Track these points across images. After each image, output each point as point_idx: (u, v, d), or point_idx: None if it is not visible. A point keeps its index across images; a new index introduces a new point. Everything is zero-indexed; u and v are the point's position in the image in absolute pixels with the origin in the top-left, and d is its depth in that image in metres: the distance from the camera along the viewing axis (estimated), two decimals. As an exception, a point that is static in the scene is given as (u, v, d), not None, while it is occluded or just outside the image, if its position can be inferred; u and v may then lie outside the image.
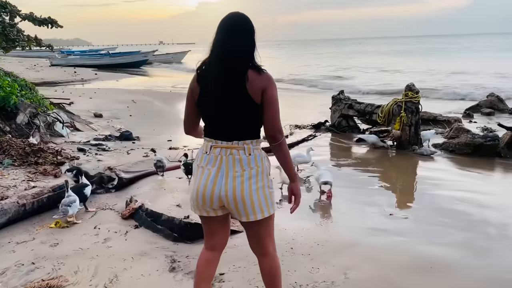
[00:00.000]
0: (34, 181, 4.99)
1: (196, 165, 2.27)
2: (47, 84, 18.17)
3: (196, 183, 2.23)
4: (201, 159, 2.23)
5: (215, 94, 2.16)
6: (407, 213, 4.60)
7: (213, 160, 2.18)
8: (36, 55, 42.83)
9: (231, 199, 2.16)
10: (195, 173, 2.26)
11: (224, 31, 2.17)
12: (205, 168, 2.20)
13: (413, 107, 7.02)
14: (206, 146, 2.23)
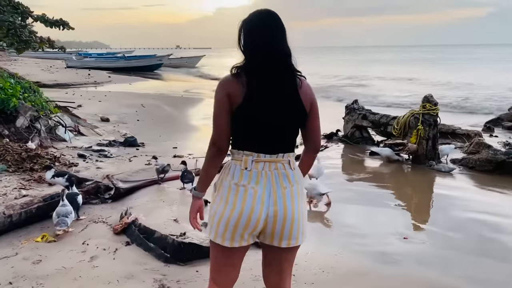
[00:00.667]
0: (26, 189, 4.76)
1: (233, 183, 1.89)
2: (60, 86, 18.18)
3: (237, 207, 1.86)
4: (240, 177, 1.89)
5: (264, 101, 1.88)
6: (424, 236, 4.23)
7: (257, 177, 1.88)
8: (54, 56, 43.31)
9: (281, 219, 1.88)
10: (231, 194, 1.89)
11: (268, 29, 1.91)
12: (247, 187, 1.87)
13: (431, 119, 6.63)
14: (245, 161, 1.90)
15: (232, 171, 1.92)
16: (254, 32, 1.92)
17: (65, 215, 3.88)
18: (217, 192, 1.94)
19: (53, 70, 27.42)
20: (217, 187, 1.96)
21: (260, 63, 1.88)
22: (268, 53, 1.89)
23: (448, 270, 3.48)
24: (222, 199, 1.90)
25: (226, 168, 1.95)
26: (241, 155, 1.92)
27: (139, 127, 9.54)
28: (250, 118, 1.88)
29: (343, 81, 25.99)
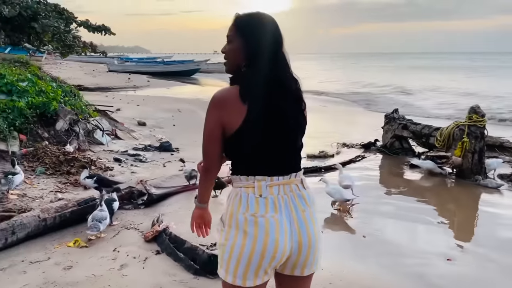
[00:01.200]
0: (62, 192, 4.82)
1: (250, 215, 1.65)
2: (101, 89, 18.68)
3: (259, 239, 1.63)
4: (257, 206, 1.66)
5: (272, 116, 1.69)
6: (469, 258, 3.93)
7: (274, 204, 1.67)
8: (97, 60, 44.82)
9: (305, 247, 1.70)
10: (250, 226, 1.64)
11: (269, 35, 1.73)
12: (267, 217, 1.65)
13: (477, 131, 6.25)
14: (259, 188, 1.68)
15: (245, 201, 1.67)
16: (258, 36, 1.72)
17: (99, 220, 3.88)
18: (229, 227, 1.69)
19: (95, 73, 28.33)
20: (227, 221, 1.71)
21: (254, 76, 1.69)
22: (272, 60, 1.71)
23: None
24: (238, 232, 1.66)
25: (235, 198, 1.71)
26: (252, 181, 1.70)
27: (174, 131, 9.58)
28: (247, 140, 1.68)
29: (379, 89, 25.33)
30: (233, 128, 1.66)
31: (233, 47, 1.74)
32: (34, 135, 6.02)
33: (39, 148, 5.57)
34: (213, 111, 1.70)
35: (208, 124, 1.71)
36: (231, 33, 1.74)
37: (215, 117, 1.69)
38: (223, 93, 1.71)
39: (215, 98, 1.70)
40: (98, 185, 4.78)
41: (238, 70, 1.74)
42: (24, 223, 3.78)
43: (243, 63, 1.72)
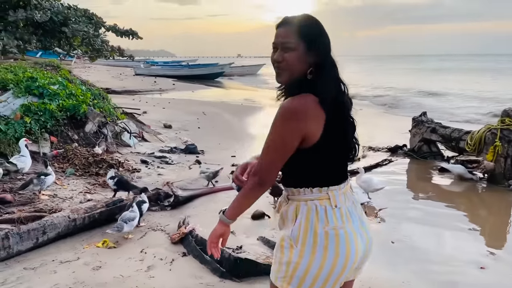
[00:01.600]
0: (91, 193, 4.90)
1: (331, 229, 1.59)
2: (128, 92, 19.02)
3: (340, 254, 1.58)
4: (335, 219, 1.61)
5: (342, 122, 1.66)
6: (504, 267, 3.79)
7: (347, 214, 1.64)
8: (123, 64, 45.68)
9: (370, 250, 1.74)
10: (331, 241, 1.58)
11: (328, 38, 1.67)
12: (345, 229, 1.61)
13: (510, 135, 6.05)
14: (333, 198, 1.63)
15: (323, 214, 1.60)
16: (323, 39, 1.65)
17: (126, 220, 3.93)
18: (303, 245, 1.59)
19: (122, 77, 28.85)
20: (301, 238, 1.60)
21: (328, 80, 1.61)
22: (334, 66, 1.66)
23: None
24: (317, 249, 1.57)
25: (310, 212, 1.62)
26: (326, 192, 1.63)
27: (199, 134, 9.65)
28: (326, 148, 1.61)
29: (404, 91, 24.84)
30: (314, 139, 1.57)
31: (296, 54, 1.60)
32: (64, 137, 6.17)
33: (69, 149, 5.69)
34: (292, 123, 1.55)
35: (283, 137, 1.57)
36: (291, 39, 1.60)
37: (295, 129, 1.55)
38: (302, 103, 1.55)
39: (296, 108, 1.55)
40: (116, 187, 4.84)
41: (301, 77, 1.62)
42: (54, 223, 3.86)
43: (308, 69, 1.62)
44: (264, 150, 1.63)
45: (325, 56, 1.63)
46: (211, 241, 1.81)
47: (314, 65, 1.61)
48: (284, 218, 1.71)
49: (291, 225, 1.65)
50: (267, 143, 1.61)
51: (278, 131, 1.57)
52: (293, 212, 1.65)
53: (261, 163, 1.64)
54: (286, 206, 1.72)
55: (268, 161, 1.62)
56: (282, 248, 1.66)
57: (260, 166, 1.64)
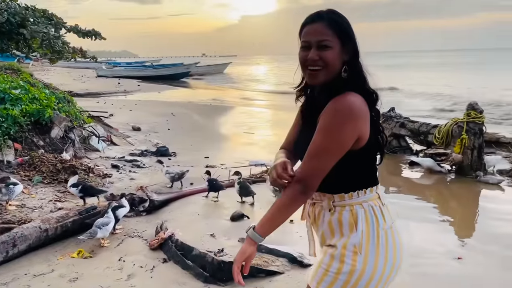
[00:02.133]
0: (62, 201, 4.71)
1: (388, 228, 1.56)
2: (91, 95, 18.48)
3: (398, 253, 1.56)
4: (389, 217, 1.58)
5: (378, 119, 1.60)
6: (478, 256, 3.90)
7: (390, 209, 1.62)
8: (84, 66, 44.38)
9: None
10: (389, 241, 1.55)
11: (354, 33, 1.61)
12: (393, 225, 1.59)
13: (476, 128, 6.27)
14: (381, 196, 1.61)
15: (380, 215, 1.55)
16: (354, 35, 1.58)
17: (99, 226, 3.78)
18: (368, 250, 1.51)
19: (84, 79, 28.03)
20: (364, 244, 1.51)
21: (364, 74, 1.59)
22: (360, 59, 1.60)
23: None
24: (380, 251, 1.52)
25: (368, 216, 1.54)
26: (374, 192, 1.58)
27: (170, 136, 9.48)
28: (373, 150, 1.58)
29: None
30: (365, 139, 1.50)
31: (333, 51, 1.52)
32: (29, 143, 5.89)
33: (35, 156, 5.44)
34: (351, 123, 1.46)
35: (341, 139, 1.46)
36: (327, 37, 1.51)
37: (353, 130, 1.46)
38: (357, 101, 1.47)
39: (353, 107, 1.46)
40: (83, 194, 4.65)
41: (337, 76, 1.55)
42: (25, 234, 3.67)
43: (343, 67, 1.55)
44: (313, 153, 1.49)
45: (357, 53, 1.57)
46: (237, 265, 1.58)
47: (347, 63, 1.55)
48: (333, 228, 1.57)
49: (349, 232, 1.53)
50: (319, 146, 1.48)
51: (335, 133, 1.45)
52: (349, 218, 1.53)
53: (307, 169, 1.50)
54: (331, 214, 1.57)
55: (318, 166, 1.48)
56: (342, 257, 1.52)
57: (307, 171, 1.50)
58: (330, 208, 1.58)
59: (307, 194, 1.51)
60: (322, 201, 1.60)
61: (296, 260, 3.55)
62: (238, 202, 5.12)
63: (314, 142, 1.48)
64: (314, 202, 1.64)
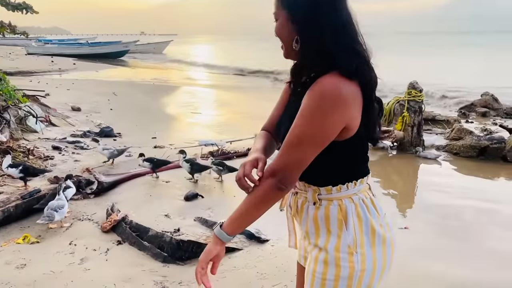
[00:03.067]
0: (1, 185, 4.39)
1: (383, 221, 1.40)
2: (23, 73, 17.26)
3: (394, 246, 1.41)
4: (377, 210, 1.40)
5: (374, 109, 1.38)
6: (422, 224, 4.17)
7: (378, 201, 1.44)
8: (12, 43, 41.19)
9: None
10: (386, 234, 1.38)
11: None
12: (388, 220, 1.43)
13: (416, 106, 6.61)
14: (371, 188, 1.44)
15: (372, 207, 1.38)
16: (344, 7, 1.35)
17: (55, 208, 3.60)
18: (361, 246, 1.34)
19: (13, 56, 26.07)
20: (358, 241, 1.34)
21: (364, 60, 1.33)
22: (360, 38, 1.36)
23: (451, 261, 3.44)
24: (376, 247, 1.36)
25: (360, 210, 1.36)
26: (365, 183, 1.41)
27: (113, 116, 9.11)
28: (363, 137, 1.37)
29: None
30: (354, 128, 1.30)
31: (281, 23, 1.40)
32: (-42, 124, 5.41)
33: (-34, 138, 5.01)
34: (338, 110, 1.25)
35: (325, 128, 1.26)
36: (275, 9, 1.40)
37: (340, 118, 1.26)
38: (345, 85, 1.25)
39: (344, 92, 1.24)
40: (23, 175, 4.42)
41: (290, 48, 1.41)
42: (-38, 221, 3.40)
43: (293, 38, 1.39)
44: (290, 144, 1.29)
45: (307, 19, 1.32)
46: (200, 266, 1.36)
47: (299, 33, 1.34)
48: (318, 224, 1.39)
49: (337, 229, 1.35)
50: (298, 136, 1.27)
51: (319, 120, 1.25)
52: (338, 213, 1.36)
53: (284, 161, 1.29)
54: (316, 209, 1.39)
55: (298, 157, 1.28)
56: (338, 261, 1.34)
57: (284, 164, 1.29)
58: (315, 201, 1.39)
59: (282, 189, 1.29)
60: (306, 191, 1.42)
61: (253, 236, 3.59)
62: (190, 182, 5.06)
63: (294, 128, 1.29)
64: (297, 191, 1.47)
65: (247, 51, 44.63)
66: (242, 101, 13.00)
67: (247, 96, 14.05)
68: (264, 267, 3.16)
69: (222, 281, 2.97)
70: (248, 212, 1.33)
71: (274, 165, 1.30)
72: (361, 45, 1.33)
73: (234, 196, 4.68)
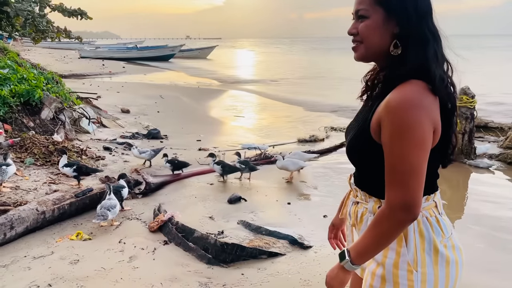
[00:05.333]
0: (56, 184, 4.63)
1: (448, 240, 1.32)
2: (76, 76, 18.12)
3: (460, 266, 1.33)
4: (447, 228, 1.34)
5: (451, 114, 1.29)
6: (471, 239, 4.00)
7: (448, 219, 1.39)
8: (66, 46, 43.33)
9: None
10: (450, 254, 1.30)
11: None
12: (454, 241, 1.34)
13: (467, 113, 6.35)
14: (439, 205, 1.37)
15: (437, 226, 1.30)
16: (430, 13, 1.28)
17: (108, 208, 3.76)
18: (423, 266, 1.28)
19: (67, 60, 27.40)
20: (419, 260, 1.28)
21: (442, 71, 1.26)
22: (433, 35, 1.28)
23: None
24: (439, 266, 1.29)
25: (423, 227, 1.29)
26: (431, 201, 1.34)
27: (160, 118, 9.38)
28: (443, 147, 1.31)
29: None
30: (438, 135, 1.24)
31: (373, 22, 1.31)
32: (19, 124, 5.75)
33: (26, 138, 5.31)
34: (424, 110, 1.18)
35: (419, 131, 1.17)
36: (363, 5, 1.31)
37: (428, 119, 1.19)
38: (420, 91, 1.20)
39: (414, 97, 1.18)
40: (77, 174, 4.63)
41: (385, 53, 1.36)
42: (22, 216, 3.61)
43: (390, 42, 1.32)
44: (399, 168, 1.19)
45: (412, 23, 1.25)
46: None
47: (398, 36, 1.27)
48: None
49: (396, 245, 1.29)
50: (401, 155, 1.19)
51: (412, 129, 1.17)
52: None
53: (403, 188, 1.19)
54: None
55: (410, 167, 1.19)
56: (396, 278, 1.28)
57: (407, 191, 1.19)
58: (375, 212, 1.33)
59: (415, 215, 1.21)
60: (368, 202, 1.37)
61: (296, 242, 3.58)
62: (234, 185, 5.13)
63: (392, 153, 1.20)
64: (358, 201, 1.42)
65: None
66: (284, 105, 12.98)
67: (289, 100, 14.03)
68: (307, 274, 3.14)
69: (265, 285, 2.98)
70: (377, 245, 1.26)
71: (396, 197, 1.20)
72: (438, 48, 1.27)
73: (276, 200, 4.70)
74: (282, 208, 4.49)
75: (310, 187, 5.23)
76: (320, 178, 5.57)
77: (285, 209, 4.43)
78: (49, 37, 12.80)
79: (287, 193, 4.96)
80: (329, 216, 4.18)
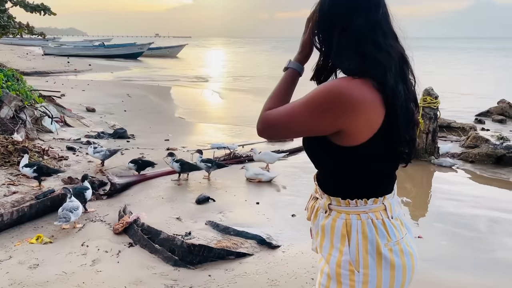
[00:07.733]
0: (15, 185, 4.45)
1: (394, 244, 1.28)
2: (39, 74, 17.55)
3: (408, 270, 1.30)
4: (396, 231, 1.30)
5: (404, 117, 1.25)
6: (437, 235, 4.10)
7: (401, 222, 1.35)
8: (29, 43, 41.92)
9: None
10: (396, 258, 1.27)
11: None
12: (405, 240, 1.32)
13: (431, 113, 6.53)
14: (389, 208, 1.32)
15: (383, 229, 1.28)
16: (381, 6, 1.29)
17: (70, 209, 3.63)
18: (366, 267, 1.26)
19: (30, 57, 26.52)
20: (361, 260, 1.27)
21: (390, 70, 1.23)
22: (395, 40, 1.31)
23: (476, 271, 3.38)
24: (383, 269, 1.27)
25: (366, 229, 1.28)
26: (381, 203, 1.31)
27: (126, 117, 9.19)
28: (385, 154, 1.29)
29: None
30: (359, 138, 1.23)
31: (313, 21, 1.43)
32: (-25, 123, 5.49)
33: (-17, 137, 5.08)
34: (334, 111, 1.20)
35: (312, 119, 1.24)
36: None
37: (333, 119, 1.22)
38: (355, 89, 1.19)
39: (353, 97, 1.18)
40: (38, 175, 4.47)
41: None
42: (-22, 220, 3.45)
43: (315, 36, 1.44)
44: (287, 110, 1.31)
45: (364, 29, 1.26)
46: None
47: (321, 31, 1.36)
48: (325, 233, 1.36)
49: (339, 244, 1.30)
50: (293, 107, 1.29)
51: (309, 109, 1.24)
52: (342, 227, 1.31)
53: (276, 118, 1.32)
54: (325, 218, 1.36)
55: (283, 123, 1.31)
56: (339, 277, 1.29)
57: (275, 119, 1.32)
58: (326, 209, 1.36)
59: (260, 130, 1.36)
60: (321, 199, 1.40)
61: (265, 242, 3.57)
62: (202, 185, 5.08)
63: (294, 102, 1.31)
64: (316, 197, 1.44)
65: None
66: (254, 104, 12.98)
67: (260, 98, 14.06)
68: (275, 274, 3.13)
69: (232, 286, 2.96)
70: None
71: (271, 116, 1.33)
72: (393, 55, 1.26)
73: (245, 200, 4.68)
74: (251, 208, 4.47)
75: (279, 186, 5.24)
76: (289, 178, 5.59)
77: (254, 209, 4.42)
78: (11, 33, 12.29)
79: (256, 193, 4.95)
80: (297, 216, 4.20)
